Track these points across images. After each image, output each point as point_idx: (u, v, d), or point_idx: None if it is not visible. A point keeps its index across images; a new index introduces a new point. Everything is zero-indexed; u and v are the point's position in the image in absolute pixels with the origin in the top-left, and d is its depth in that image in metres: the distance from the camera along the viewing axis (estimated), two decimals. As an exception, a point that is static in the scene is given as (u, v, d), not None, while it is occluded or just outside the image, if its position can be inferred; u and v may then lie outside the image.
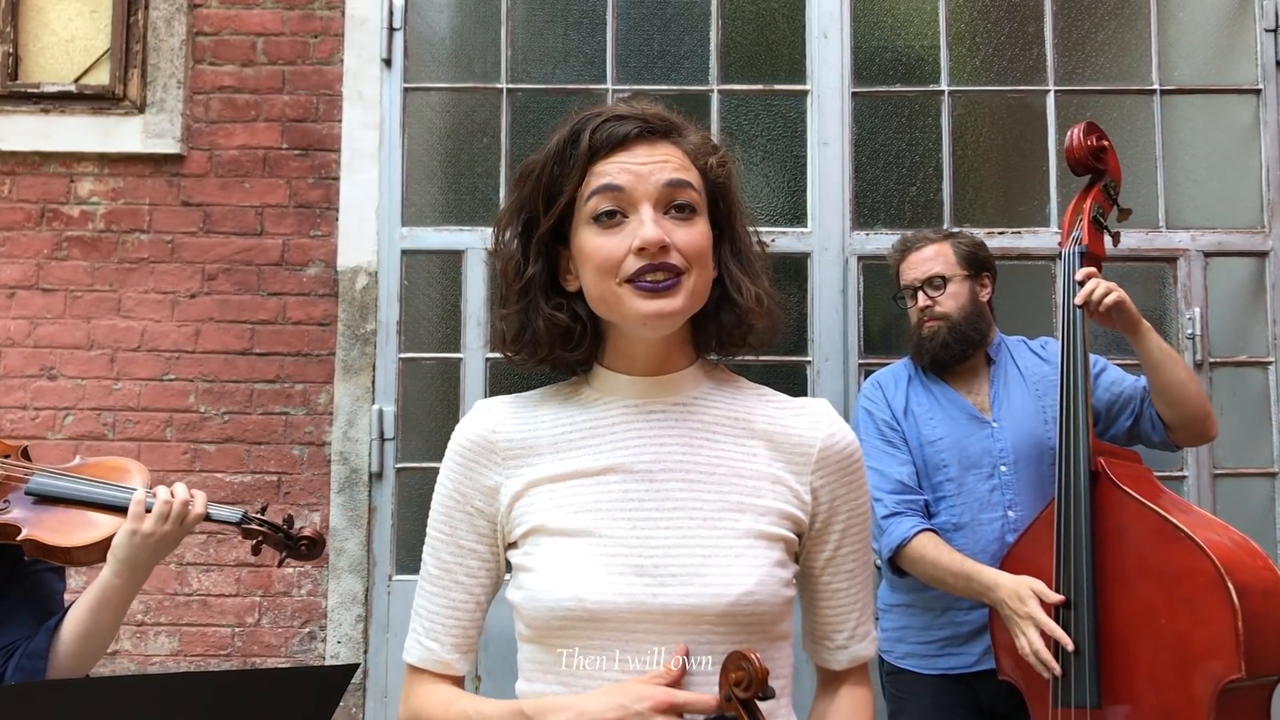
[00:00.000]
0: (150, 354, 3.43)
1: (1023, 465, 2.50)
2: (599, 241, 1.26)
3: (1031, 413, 2.54)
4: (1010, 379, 2.59)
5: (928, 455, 2.55)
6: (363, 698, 3.31)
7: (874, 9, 3.58)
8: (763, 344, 1.34)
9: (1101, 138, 2.48)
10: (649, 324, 1.26)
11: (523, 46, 3.60)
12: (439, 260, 3.51)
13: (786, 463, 1.32)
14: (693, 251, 1.26)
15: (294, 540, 1.98)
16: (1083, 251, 2.41)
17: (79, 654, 1.77)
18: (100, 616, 1.78)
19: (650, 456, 1.29)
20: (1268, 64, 3.50)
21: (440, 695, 1.34)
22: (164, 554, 1.82)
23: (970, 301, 2.57)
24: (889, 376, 2.68)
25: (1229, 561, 2.06)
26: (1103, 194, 2.48)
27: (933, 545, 2.43)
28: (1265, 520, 3.36)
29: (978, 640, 2.48)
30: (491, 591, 1.36)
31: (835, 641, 1.37)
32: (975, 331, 2.56)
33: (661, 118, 1.32)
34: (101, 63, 3.54)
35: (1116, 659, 2.14)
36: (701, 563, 1.24)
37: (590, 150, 1.28)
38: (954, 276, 2.58)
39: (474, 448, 1.33)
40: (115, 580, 1.77)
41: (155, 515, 1.78)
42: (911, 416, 2.59)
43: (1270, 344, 3.43)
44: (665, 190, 1.26)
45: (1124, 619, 2.15)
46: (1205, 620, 2.04)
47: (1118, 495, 2.20)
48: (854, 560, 1.36)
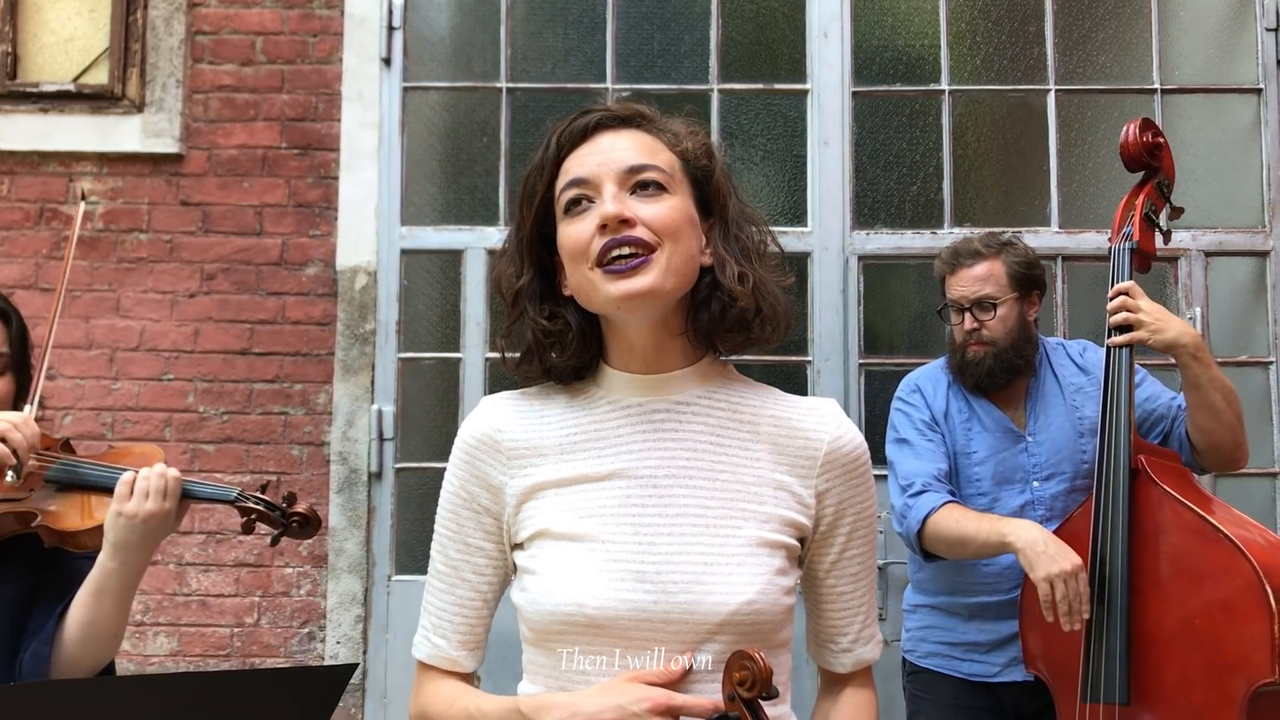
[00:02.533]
0: (149, 354, 3.43)
1: (1056, 479, 2.48)
2: (568, 230, 1.28)
3: (1067, 426, 2.50)
4: (1047, 391, 2.55)
5: (961, 466, 2.53)
6: (362, 698, 3.31)
7: (874, 8, 3.58)
8: (767, 338, 1.32)
9: (1157, 134, 2.44)
10: (623, 306, 1.25)
11: (522, 46, 3.59)
12: (438, 260, 3.51)
13: (791, 466, 1.31)
14: (661, 225, 1.25)
15: (286, 517, 1.96)
16: (1132, 248, 2.37)
17: (83, 639, 1.74)
18: (100, 602, 1.75)
19: (654, 462, 1.29)
20: (1268, 63, 3.50)
21: (445, 691, 1.34)
22: (157, 536, 1.77)
23: (1018, 325, 2.50)
24: (928, 379, 2.62)
25: (1267, 564, 2.04)
26: (1156, 191, 2.44)
27: (958, 511, 2.38)
28: (1266, 520, 3.36)
29: (1002, 650, 2.46)
30: (499, 589, 1.36)
31: (840, 644, 1.37)
32: (1021, 358, 2.50)
33: (627, 108, 1.33)
34: (100, 62, 3.54)
35: (1148, 657, 2.13)
36: (703, 570, 1.24)
37: (558, 149, 1.30)
38: (1004, 300, 2.50)
39: (479, 446, 1.33)
40: (109, 564, 1.74)
41: (136, 493, 1.74)
42: (950, 422, 2.55)
43: (1271, 343, 3.43)
44: (627, 172, 1.27)
45: (1157, 617, 2.13)
46: (1240, 622, 2.02)
47: (1157, 493, 2.18)
48: (859, 563, 1.35)
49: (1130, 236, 2.38)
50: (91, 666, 1.77)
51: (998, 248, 2.55)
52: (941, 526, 2.37)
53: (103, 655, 1.79)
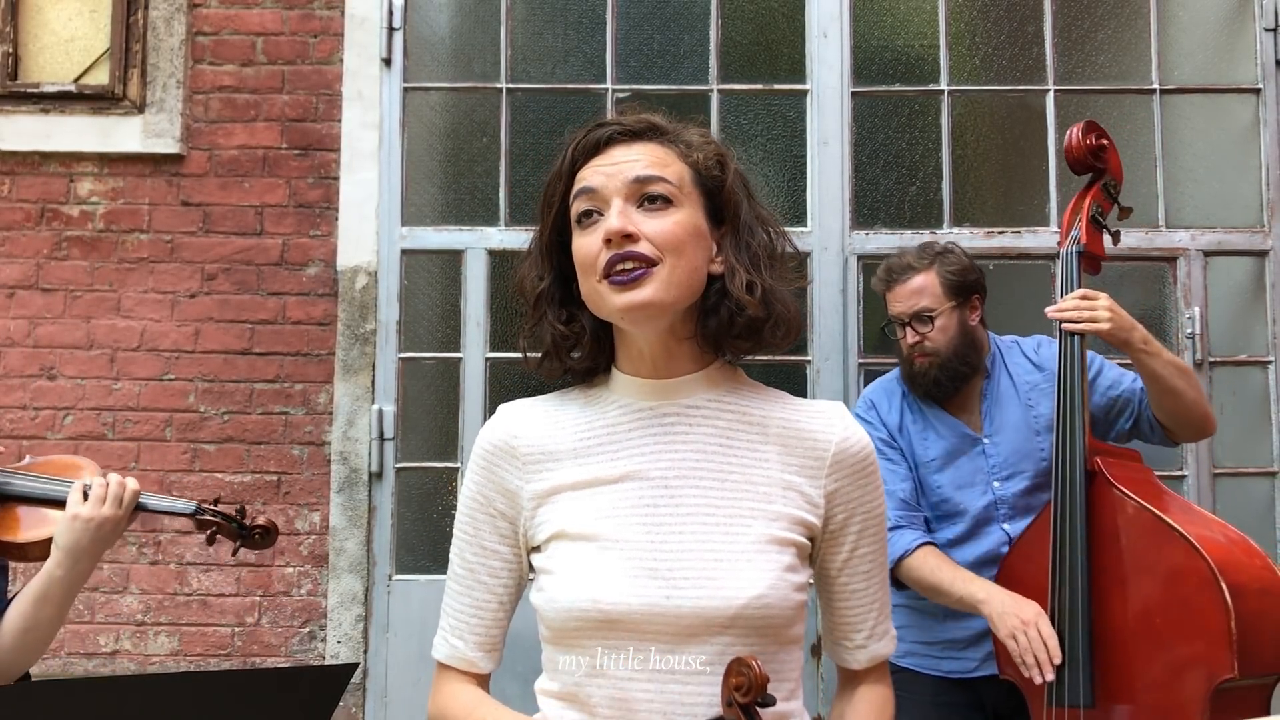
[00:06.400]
0: (150, 354, 3.43)
1: (1016, 479, 2.50)
2: (579, 242, 1.32)
3: (1022, 425, 2.52)
4: (1002, 392, 2.57)
5: (922, 475, 2.55)
6: (362, 697, 3.31)
7: (874, 8, 3.58)
8: (777, 343, 1.35)
9: (1101, 136, 2.46)
10: (626, 317, 1.29)
11: (522, 46, 3.60)
12: (439, 260, 3.51)
13: (800, 467, 1.34)
14: (663, 240, 1.28)
15: (247, 530, 2.02)
16: (1080, 251, 2.39)
17: (19, 647, 1.78)
18: (42, 609, 1.78)
19: (666, 463, 1.32)
20: (1267, 63, 3.50)
21: (463, 699, 1.37)
22: (106, 543, 1.82)
23: (959, 333, 2.51)
24: (881, 393, 2.65)
25: (1224, 561, 2.05)
26: (1102, 193, 2.46)
27: (934, 559, 2.42)
28: (1265, 520, 3.36)
29: (978, 646, 2.48)
30: (515, 592, 1.40)
31: (854, 641, 1.40)
32: (966, 365, 2.52)
33: (640, 120, 1.36)
34: (101, 62, 3.54)
35: (1111, 659, 2.14)
36: (714, 567, 1.27)
37: (573, 160, 1.34)
38: (941, 310, 2.51)
39: (496, 452, 1.37)
40: (57, 571, 1.78)
41: (93, 499, 1.80)
42: (906, 434, 2.58)
43: (1270, 343, 3.43)
44: (634, 185, 1.30)
45: (1119, 619, 2.14)
46: (1199, 620, 2.03)
47: (1114, 495, 2.20)
48: (871, 561, 1.38)
49: (1078, 240, 2.40)
50: (19, 673, 1.81)
51: (930, 258, 2.56)
52: (916, 571, 2.42)
53: (34, 660, 1.83)
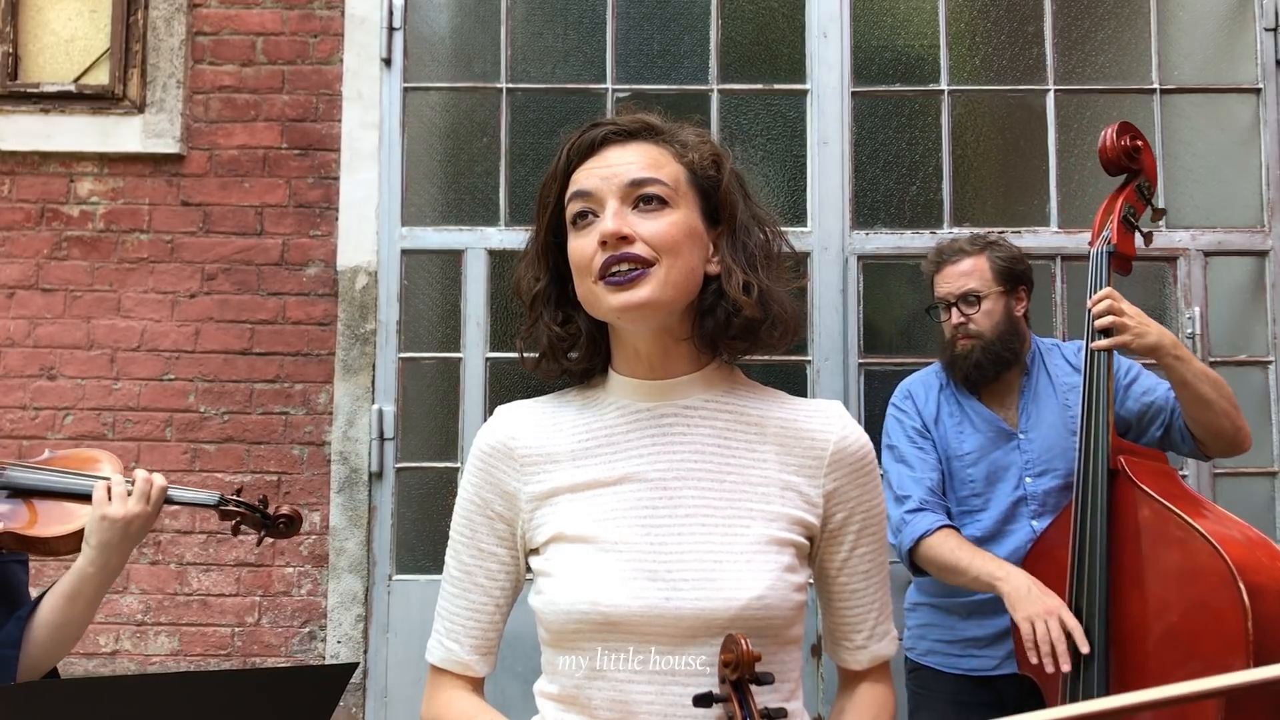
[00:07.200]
0: (150, 354, 3.43)
1: (1048, 475, 2.50)
2: (575, 243, 1.31)
3: (1058, 423, 2.52)
4: (1040, 389, 2.58)
5: (955, 468, 2.56)
6: (363, 697, 3.31)
7: (874, 8, 3.58)
8: (775, 344, 1.34)
9: (1136, 137, 2.45)
10: (622, 317, 1.29)
11: (522, 46, 3.60)
12: (439, 260, 3.51)
13: (798, 466, 1.33)
14: (659, 241, 1.27)
15: (271, 519, 2.03)
16: (1111, 251, 2.39)
17: (51, 642, 1.79)
18: (74, 606, 1.79)
19: (664, 465, 1.32)
20: (1267, 63, 3.50)
21: (460, 706, 1.36)
22: (136, 539, 1.83)
23: (1005, 319, 2.54)
24: (920, 385, 2.67)
25: (1243, 561, 2.04)
26: (1136, 194, 2.46)
27: (954, 539, 2.43)
28: (1265, 520, 3.36)
29: (1000, 644, 2.48)
30: (511, 595, 1.39)
31: (855, 641, 1.39)
32: (1009, 351, 2.54)
33: (635, 120, 1.35)
34: (101, 62, 3.54)
35: (1128, 656, 2.13)
36: (713, 568, 1.26)
37: (568, 161, 1.34)
38: (989, 294, 2.55)
39: (493, 454, 1.36)
40: (89, 568, 1.79)
41: (118, 497, 1.81)
42: (942, 426, 2.59)
43: (1270, 343, 3.43)
44: (629, 186, 1.29)
45: (1136, 617, 2.14)
46: (1216, 620, 2.02)
47: (1135, 494, 2.19)
48: (870, 560, 1.37)
49: (1109, 240, 2.41)
50: (48, 668, 1.82)
51: (982, 245, 2.61)
52: (935, 551, 2.42)
53: (63, 656, 1.84)
